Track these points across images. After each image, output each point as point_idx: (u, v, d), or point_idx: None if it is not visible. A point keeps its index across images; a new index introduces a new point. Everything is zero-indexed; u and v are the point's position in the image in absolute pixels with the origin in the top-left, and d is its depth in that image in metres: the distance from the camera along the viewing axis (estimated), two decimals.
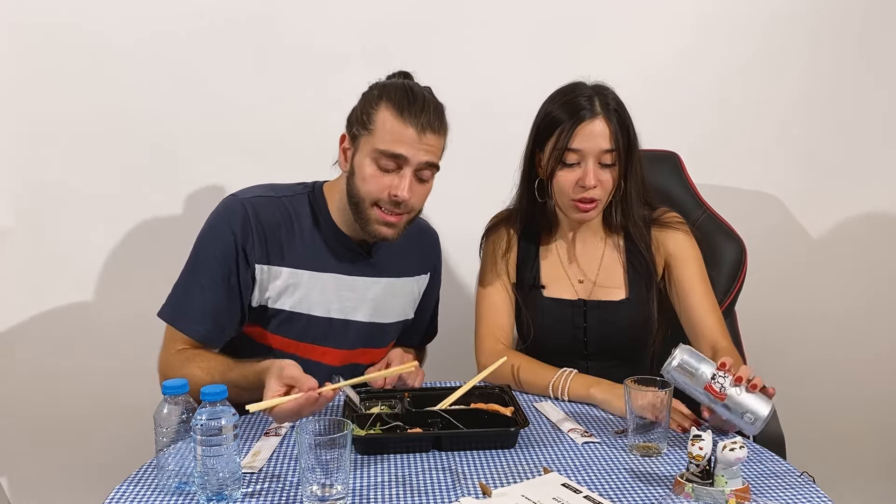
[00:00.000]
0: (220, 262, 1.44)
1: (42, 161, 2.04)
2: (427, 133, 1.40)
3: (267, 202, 1.49)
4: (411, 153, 1.39)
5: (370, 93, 1.45)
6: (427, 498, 1.09)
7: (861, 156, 2.16)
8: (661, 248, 1.61)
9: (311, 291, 1.49)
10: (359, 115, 1.43)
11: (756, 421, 1.23)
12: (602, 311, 1.60)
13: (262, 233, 1.45)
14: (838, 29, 2.09)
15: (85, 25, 1.98)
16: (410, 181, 1.40)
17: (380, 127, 1.39)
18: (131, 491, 1.13)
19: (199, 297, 1.44)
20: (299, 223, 1.49)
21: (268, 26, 2.01)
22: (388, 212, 1.42)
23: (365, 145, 1.41)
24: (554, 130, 1.52)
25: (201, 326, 1.45)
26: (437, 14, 2.05)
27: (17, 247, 2.08)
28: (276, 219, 1.48)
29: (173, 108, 2.02)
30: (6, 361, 2.13)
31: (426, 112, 1.41)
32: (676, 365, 1.26)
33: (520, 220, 1.66)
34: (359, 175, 1.42)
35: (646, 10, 2.08)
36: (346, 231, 1.51)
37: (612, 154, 1.50)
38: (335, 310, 1.51)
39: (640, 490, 1.11)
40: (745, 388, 1.24)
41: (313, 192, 1.54)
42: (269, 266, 1.46)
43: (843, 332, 2.25)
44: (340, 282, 1.51)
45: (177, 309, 1.46)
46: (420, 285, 1.67)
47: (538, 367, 1.55)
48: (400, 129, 1.38)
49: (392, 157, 1.39)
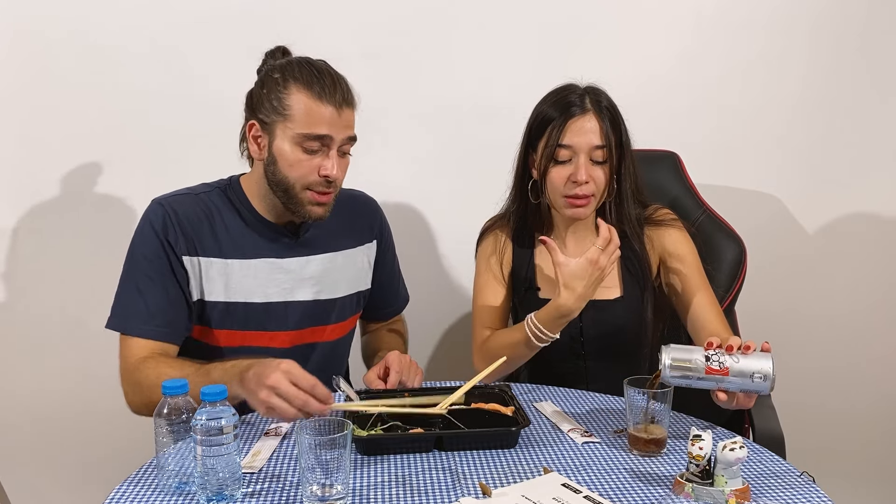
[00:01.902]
0: (151, 260, 1.45)
1: (42, 161, 2.04)
2: (344, 108, 1.42)
3: (184, 199, 1.51)
4: (334, 132, 1.41)
5: (270, 77, 1.44)
6: (427, 498, 1.09)
7: (861, 156, 2.16)
8: (656, 245, 1.62)
9: (244, 279, 1.50)
10: (267, 102, 1.42)
11: (766, 378, 1.21)
12: (597, 311, 1.60)
13: (183, 227, 1.46)
14: (838, 30, 2.09)
15: (84, 26, 1.98)
16: (337, 160, 1.43)
17: (297, 111, 1.40)
18: (131, 491, 1.13)
19: (139, 299, 1.45)
20: (220, 215, 1.51)
21: (268, 26, 2.00)
22: (321, 192, 1.45)
23: (283, 131, 1.41)
24: (545, 129, 1.53)
25: (149, 325, 1.44)
26: (437, 14, 2.05)
27: (17, 247, 2.08)
28: (195, 213, 1.49)
29: (173, 108, 2.03)
30: (6, 361, 2.13)
31: (339, 88, 1.42)
32: (669, 366, 1.24)
33: (513, 222, 1.67)
34: (283, 162, 1.43)
35: (646, 11, 2.08)
36: (269, 217, 1.52)
37: (604, 151, 1.51)
38: (272, 293, 1.52)
39: (640, 490, 1.11)
40: (740, 353, 1.23)
41: (230, 186, 1.55)
42: (196, 258, 1.47)
43: (844, 332, 2.25)
44: (273, 265, 1.52)
45: (121, 316, 1.47)
46: (368, 254, 1.68)
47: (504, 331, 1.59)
48: (318, 109, 1.40)
49: (316, 139, 1.41)
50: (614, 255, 1.45)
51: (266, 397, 1.20)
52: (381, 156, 2.09)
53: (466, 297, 2.11)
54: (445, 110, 2.09)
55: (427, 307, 2.15)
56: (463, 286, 2.19)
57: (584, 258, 1.43)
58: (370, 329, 1.82)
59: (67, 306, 2.12)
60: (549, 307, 1.47)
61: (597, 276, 1.43)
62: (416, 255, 2.12)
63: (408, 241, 1.99)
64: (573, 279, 1.43)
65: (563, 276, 1.44)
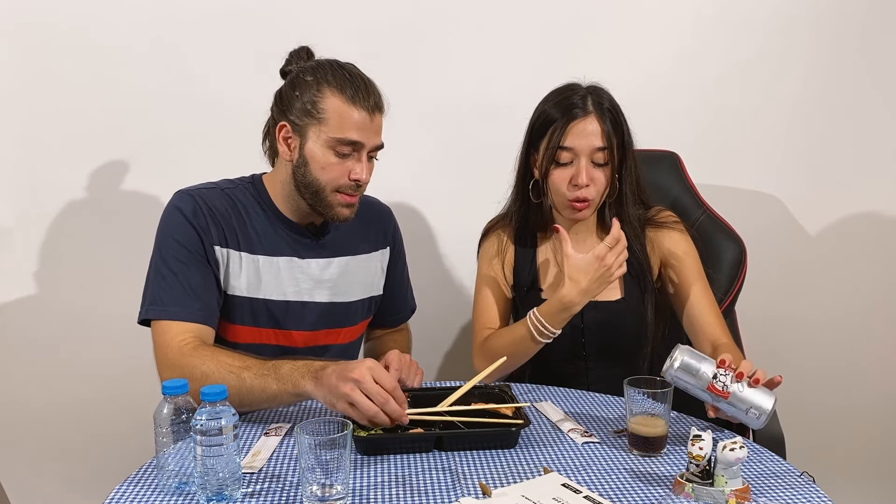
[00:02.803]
0: (183, 245, 1.43)
1: (42, 161, 2.04)
2: (376, 114, 1.45)
3: (211, 192, 1.51)
4: (366, 138, 1.44)
5: (303, 79, 1.45)
6: (427, 498, 1.09)
7: (861, 156, 2.16)
8: (657, 247, 1.62)
9: (267, 275, 1.51)
10: (300, 104, 1.44)
11: (761, 416, 1.23)
12: (599, 312, 1.60)
13: (215, 218, 1.47)
14: (838, 29, 2.09)
15: (84, 26, 1.98)
16: (366, 165, 1.46)
17: (331, 115, 1.42)
18: (131, 491, 1.13)
19: (176, 282, 1.41)
20: (246, 211, 1.52)
21: (268, 26, 2.01)
22: (349, 195, 1.48)
23: (316, 134, 1.43)
24: (547, 130, 1.53)
25: (192, 307, 1.40)
26: (437, 14, 2.05)
27: (17, 247, 2.08)
28: (224, 206, 1.49)
29: (173, 108, 2.03)
30: (6, 361, 2.13)
31: (372, 94, 1.45)
32: (678, 367, 1.25)
33: (515, 222, 1.67)
34: (315, 164, 1.44)
35: (646, 11, 2.08)
36: (292, 217, 1.54)
37: (605, 153, 1.51)
38: (291, 293, 1.53)
39: (640, 490, 1.11)
40: (747, 383, 1.23)
41: (253, 184, 1.56)
42: (227, 249, 1.48)
43: (843, 332, 2.25)
44: (294, 265, 1.54)
45: (158, 302, 1.41)
46: (382, 260, 1.69)
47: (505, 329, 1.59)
48: (352, 114, 1.42)
49: (349, 144, 1.43)
50: (622, 256, 1.45)
51: (350, 391, 1.20)
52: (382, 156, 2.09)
53: (467, 298, 2.11)
54: (446, 110, 2.09)
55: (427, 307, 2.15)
56: (463, 286, 2.19)
57: (591, 253, 1.44)
58: (374, 336, 1.82)
59: (68, 306, 2.12)
60: (552, 300, 1.48)
61: (602, 272, 1.44)
62: (417, 256, 2.12)
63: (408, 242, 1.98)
64: (578, 272, 1.45)
65: (569, 268, 1.45)
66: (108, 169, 2.05)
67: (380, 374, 1.22)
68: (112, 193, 2.07)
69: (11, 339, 2.12)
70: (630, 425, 1.24)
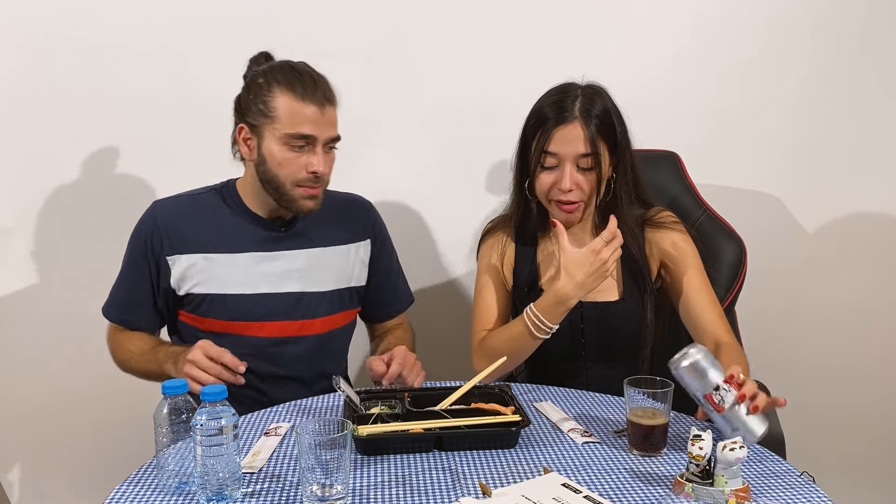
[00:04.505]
0: (129, 260, 1.63)
1: (42, 162, 2.04)
2: (326, 106, 1.51)
3: (172, 201, 1.64)
4: (318, 131, 1.50)
5: (255, 82, 1.53)
6: (427, 498, 1.09)
7: (861, 156, 2.16)
8: (656, 248, 1.61)
9: (230, 271, 1.59)
10: (254, 105, 1.51)
11: (744, 439, 1.14)
12: (598, 312, 1.60)
13: (167, 227, 1.59)
14: (839, 29, 2.09)
15: (83, 27, 1.98)
16: (322, 157, 1.52)
17: (282, 112, 1.49)
18: (131, 491, 1.13)
19: (116, 285, 1.66)
20: (213, 214, 1.61)
21: (268, 27, 2.01)
22: (310, 187, 1.54)
23: (270, 132, 1.51)
24: (536, 132, 1.53)
25: (112, 311, 1.66)
26: (437, 14, 2.05)
27: (17, 247, 2.08)
28: (182, 214, 1.61)
29: (173, 109, 2.03)
30: (6, 361, 2.13)
31: (320, 87, 1.51)
32: (687, 364, 1.22)
33: (514, 222, 1.67)
34: (273, 161, 1.52)
35: (646, 11, 2.08)
36: (261, 214, 1.61)
37: (590, 158, 1.50)
38: (262, 285, 1.60)
39: (640, 490, 1.11)
40: (746, 407, 1.20)
41: (225, 188, 1.65)
42: (178, 255, 1.58)
43: (843, 332, 2.25)
44: (261, 258, 1.60)
45: (107, 301, 1.68)
46: (361, 252, 1.72)
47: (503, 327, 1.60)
48: (302, 109, 1.49)
49: (302, 138, 1.50)
50: (617, 252, 1.45)
51: (188, 370, 1.40)
52: (382, 156, 2.10)
53: (466, 297, 2.11)
54: (445, 110, 2.09)
55: (427, 307, 2.15)
56: (463, 286, 2.19)
57: (587, 247, 1.45)
58: (377, 333, 1.83)
59: (68, 306, 2.12)
60: (548, 294, 1.49)
61: (598, 266, 1.45)
62: (417, 255, 2.12)
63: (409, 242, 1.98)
64: (574, 265, 1.45)
65: (564, 261, 1.46)
66: (108, 169, 2.05)
67: (210, 350, 1.41)
68: (112, 193, 2.07)
69: (11, 339, 2.12)
70: (629, 418, 1.24)
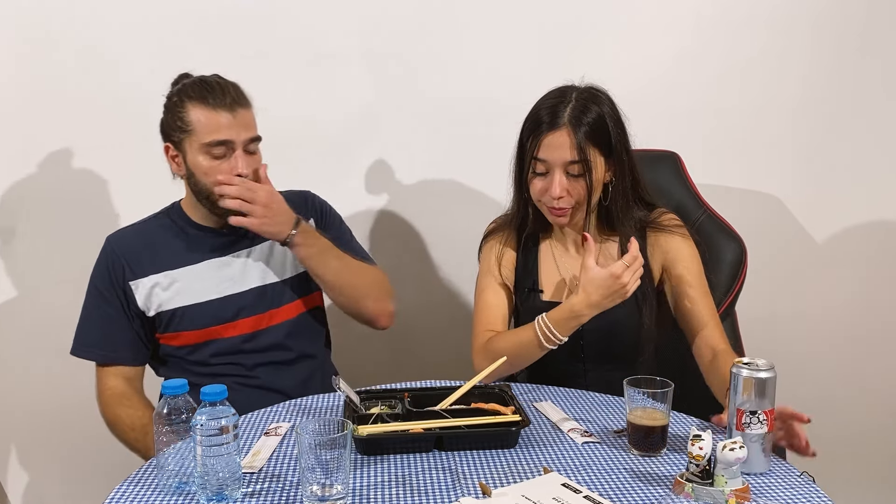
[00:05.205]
0: (94, 293, 1.66)
1: (42, 162, 2.04)
2: (238, 110, 1.55)
3: (125, 232, 1.70)
4: (233, 134, 1.54)
5: (171, 102, 1.59)
6: (427, 498, 1.09)
7: (861, 156, 2.16)
8: (658, 251, 1.60)
9: (192, 283, 1.63)
10: (172, 123, 1.57)
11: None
12: (598, 316, 1.59)
13: (125, 256, 1.64)
14: (839, 29, 2.09)
15: (84, 28, 1.98)
16: (243, 158, 1.56)
17: (197, 123, 1.54)
18: (131, 491, 1.13)
19: (86, 326, 1.67)
20: (162, 235, 1.66)
21: (268, 26, 2.01)
22: None
23: (191, 145, 1.56)
24: (529, 136, 1.53)
25: (94, 350, 1.66)
26: (437, 14, 2.05)
27: (17, 247, 2.08)
28: (136, 241, 1.66)
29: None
30: (6, 361, 2.13)
31: (228, 93, 1.56)
32: (765, 377, 1.16)
33: (515, 224, 1.66)
34: (199, 172, 1.57)
35: (646, 11, 2.08)
36: (207, 224, 1.66)
37: (579, 165, 1.50)
38: (225, 288, 1.65)
39: (640, 490, 1.11)
40: (762, 442, 1.17)
41: (171, 209, 1.71)
42: (139, 279, 1.62)
43: (843, 332, 2.25)
44: (219, 263, 1.65)
45: (76, 342, 1.68)
46: None
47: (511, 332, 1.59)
48: (214, 117, 1.53)
49: (220, 145, 1.54)
50: (637, 275, 1.45)
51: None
52: (382, 156, 2.10)
53: (467, 298, 2.11)
54: (445, 111, 2.09)
55: (427, 307, 2.16)
56: (464, 286, 2.19)
57: (608, 270, 1.43)
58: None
59: (68, 307, 2.11)
60: (562, 307, 1.48)
61: (616, 289, 1.43)
62: (418, 255, 2.12)
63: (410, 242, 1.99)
64: (592, 286, 1.44)
65: (584, 278, 1.45)
66: (107, 169, 2.06)
67: None
68: (112, 194, 2.07)
69: (11, 339, 2.12)
70: (629, 419, 1.24)
